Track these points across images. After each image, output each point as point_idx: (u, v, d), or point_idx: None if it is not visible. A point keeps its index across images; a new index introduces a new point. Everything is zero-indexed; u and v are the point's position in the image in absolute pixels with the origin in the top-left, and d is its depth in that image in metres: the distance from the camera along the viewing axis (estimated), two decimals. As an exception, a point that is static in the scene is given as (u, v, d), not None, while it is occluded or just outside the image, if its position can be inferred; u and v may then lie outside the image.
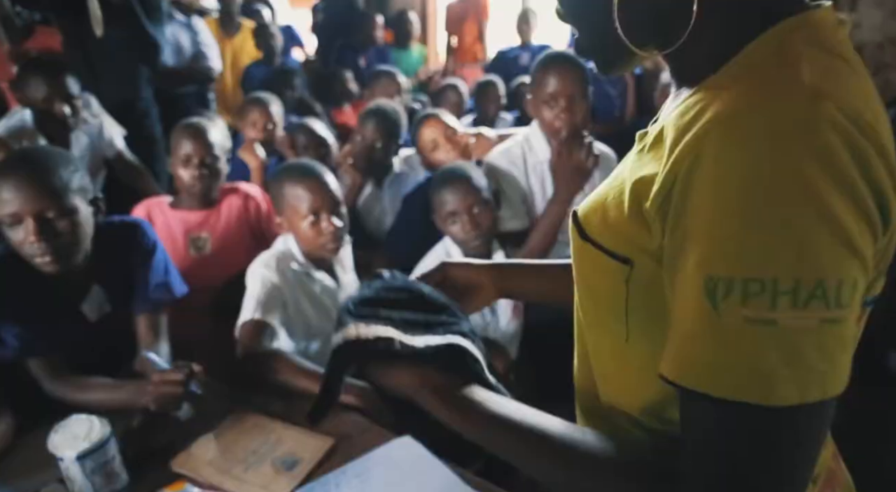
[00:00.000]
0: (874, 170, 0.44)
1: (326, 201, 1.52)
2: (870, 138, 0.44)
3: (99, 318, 1.42)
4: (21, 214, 1.22)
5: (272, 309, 1.44)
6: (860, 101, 0.46)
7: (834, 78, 0.46)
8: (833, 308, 0.43)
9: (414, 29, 4.37)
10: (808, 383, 0.44)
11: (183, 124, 1.89)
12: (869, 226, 0.44)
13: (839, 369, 0.45)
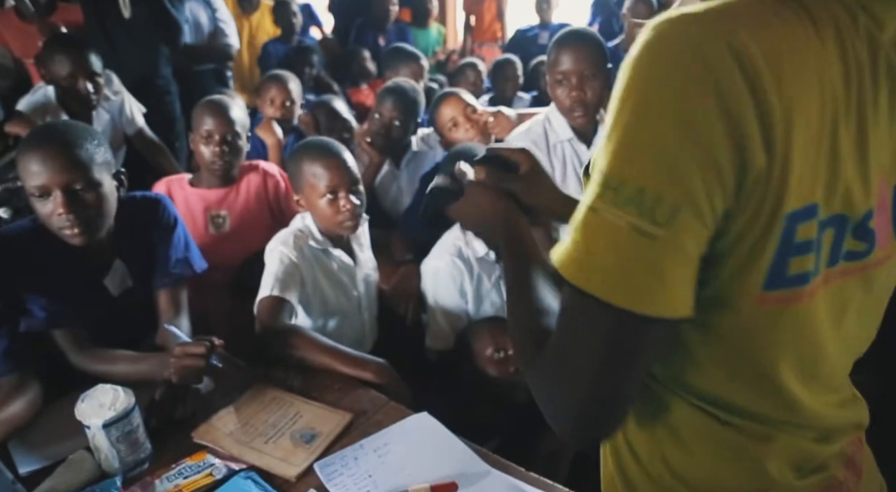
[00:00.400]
0: (739, 108, 0.44)
1: (344, 179, 1.52)
2: (748, 79, 0.44)
3: (121, 292, 1.44)
4: (49, 186, 1.25)
5: (290, 286, 1.45)
6: (763, 45, 0.45)
7: (748, 14, 0.46)
8: (645, 219, 0.46)
9: (433, 8, 4.33)
10: (589, 272, 0.48)
11: (205, 101, 1.90)
12: (717, 162, 0.45)
13: (635, 282, 0.47)
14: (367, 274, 1.70)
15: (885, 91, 0.50)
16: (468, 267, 1.68)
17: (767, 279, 0.51)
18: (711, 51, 0.44)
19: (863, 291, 0.59)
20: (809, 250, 0.51)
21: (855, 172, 0.50)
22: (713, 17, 0.45)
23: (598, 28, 3.77)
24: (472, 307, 1.70)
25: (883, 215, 0.55)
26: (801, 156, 0.47)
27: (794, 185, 0.47)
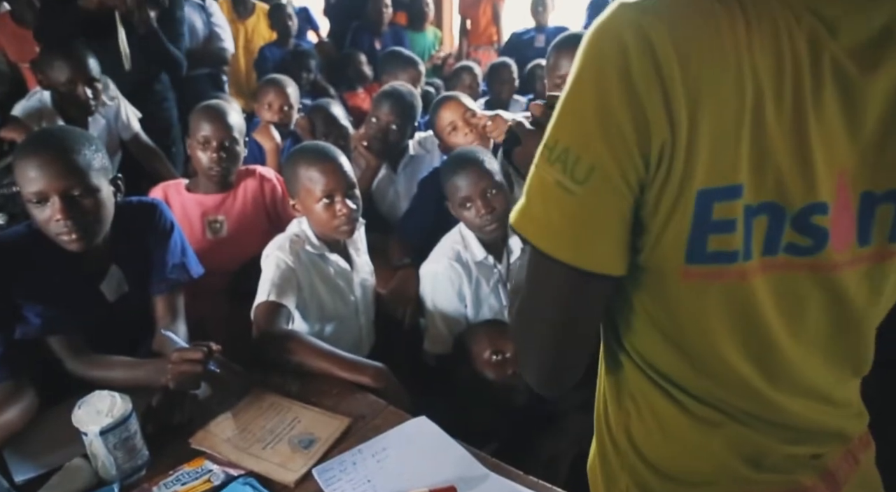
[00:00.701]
0: (639, 86, 0.50)
1: (340, 184, 1.52)
2: (651, 62, 0.49)
3: (117, 298, 1.44)
4: (47, 191, 1.24)
5: (287, 291, 1.45)
6: (673, 34, 0.49)
7: (666, 7, 0.51)
8: (567, 176, 0.53)
9: (429, 11, 4.34)
10: (528, 222, 0.57)
11: (202, 107, 1.89)
12: (621, 130, 0.51)
13: (563, 236, 0.55)
14: (364, 278, 1.69)
15: (833, 91, 0.52)
16: (466, 271, 1.68)
17: (688, 253, 0.55)
18: (628, 37, 0.50)
19: (825, 294, 0.59)
20: (731, 230, 0.53)
21: (790, 163, 0.52)
22: (641, 9, 0.51)
23: (593, 31, 3.79)
24: (470, 311, 1.70)
25: (843, 216, 0.56)
26: (713, 136, 0.50)
27: (705, 162, 0.51)
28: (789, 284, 0.58)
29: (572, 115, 0.53)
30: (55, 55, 2.06)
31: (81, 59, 2.06)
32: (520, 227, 0.58)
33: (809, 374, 0.63)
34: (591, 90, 0.52)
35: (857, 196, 0.56)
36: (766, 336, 0.60)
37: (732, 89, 0.50)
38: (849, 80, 0.52)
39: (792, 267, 0.57)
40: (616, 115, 0.50)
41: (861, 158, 0.54)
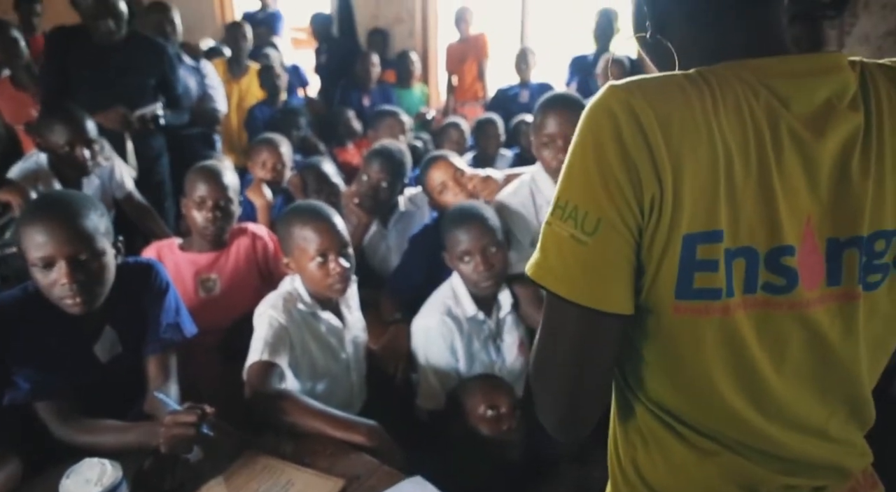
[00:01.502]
0: (629, 149, 0.59)
1: (334, 243, 1.55)
2: (637, 128, 0.59)
3: (110, 359, 1.43)
4: (55, 256, 1.26)
5: (280, 350, 1.45)
6: (654, 106, 0.59)
7: (650, 86, 0.61)
8: (578, 230, 0.61)
9: (416, 68, 4.47)
10: (546, 273, 0.64)
11: (198, 167, 1.93)
12: (620, 186, 0.60)
13: (593, 285, 0.62)
14: (356, 335, 1.70)
15: (791, 152, 0.61)
16: (458, 326, 1.69)
17: (677, 289, 0.62)
18: (619, 112, 0.60)
19: (803, 331, 0.65)
20: (714, 269, 0.61)
21: (758, 212, 0.61)
22: (628, 90, 0.61)
23: (575, 87, 3.90)
24: (462, 366, 1.71)
25: (811, 258, 0.64)
26: (694, 189, 0.59)
27: (689, 211, 0.60)
28: (770, 321, 0.64)
29: (578, 178, 0.62)
30: (55, 119, 2.10)
31: (80, 122, 2.10)
32: (538, 277, 0.65)
33: (799, 408, 0.68)
34: (592, 156, 0.60)
35: (823, 241, 0.64)
36: (755, 370, 0.66)
37: (707, 152, 0.59)
38: (804, 143, 0.61)
39: (770, 305, 0.64)
40: (614, 174, 0.60)
41: (822, 208, 0.63)
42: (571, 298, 0.62)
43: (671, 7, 0.68)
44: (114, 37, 2.50)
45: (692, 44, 0.67)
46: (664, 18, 0.69)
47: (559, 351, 0.66)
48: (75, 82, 2.55)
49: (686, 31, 0.68)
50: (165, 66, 2.70)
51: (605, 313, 0.62)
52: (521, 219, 1.89)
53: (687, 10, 0.67)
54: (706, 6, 0.66)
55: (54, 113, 2.15)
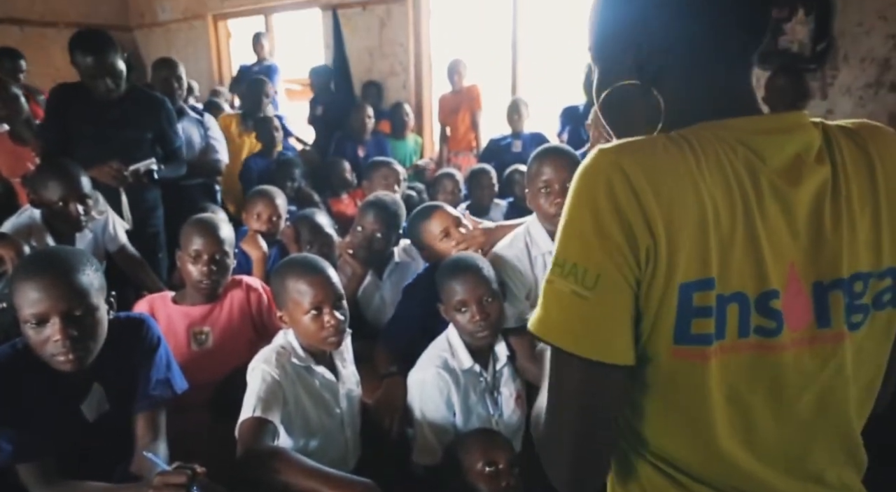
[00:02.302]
0: (623, 206, 0.62)
1: (329, 296, 1.54)
2: (630, 187, 0.62)
3: (97, 417, 1.40)
4: (49, 313, 1.25)
5: (273, 406, 1.42)
6: (643, 167, 0.63)
7: (638, 148, 0.65)
8: (579, 285, 0.63)
9: (409, 120, 4.55)
10: (549, 328, 0.66)
11: (194, 220, 1.93)
12: (615, 242, 0.62)
13: (596, 338, 0.64)
14: (350, 389, 1.67)
15: (772, 202, 0.65)
16: (454, 379, 1.67)
17: (676, 334, 0.65)
18: (611, 173, 0.63)
19: (797, 375, 0.67)
20: (709, 315, 0.64)
21: (745, 259, 0.64)
22: (618, 150, 0.64)
23: (567, 137, 3.97)
24: (459, 420, 1.68)
25: (797, 301, 0.66)
26: (686, 241, 0.62)
27: (683, 261, 0.62)
28: (764, 364, 0.66)
29: (575, 237, 0.64)
30: (48, 175, 2.11)
31: (74, 178, 2.11)
32: (542, 333, 0.67)
33: (797, 453, 0.70)
34: (588, 216, 0.63)
35: (809, 285, 0.67)
36: (751, 415, 0.68)
37: (695, 204, 0.62)
38: (782, 193, 0.65)
39: (763, 347, 0.66)
40: (610, 231, 0.62)
41: (804, 254, 0.66)
42: (576, 351, 0.64)
43: (671, 60, 0.69)
44: (112, 94, 2.54)
45: (682, 100, 0.70)
46: (661, 71, 0.70)
47: (566, 405, 0.67)
48: (75, 137, 2.59)
49: (678, 85, 0.70)
50: (163, 119, 2.74)
51: (610, 365, 0.64)
52: (517, 271, 1.89)
53: (687, 65, 0.69)
54: (702, 65, 0.69)
55: (48, 169, 2.16)
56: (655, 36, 0.69)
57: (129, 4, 7.30)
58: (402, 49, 5.02)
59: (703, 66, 0.69)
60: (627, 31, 0.71)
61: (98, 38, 2.52)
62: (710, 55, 0.69)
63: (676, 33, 0.68)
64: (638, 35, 0.70)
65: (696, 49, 0.69)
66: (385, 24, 5.05)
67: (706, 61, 0.69)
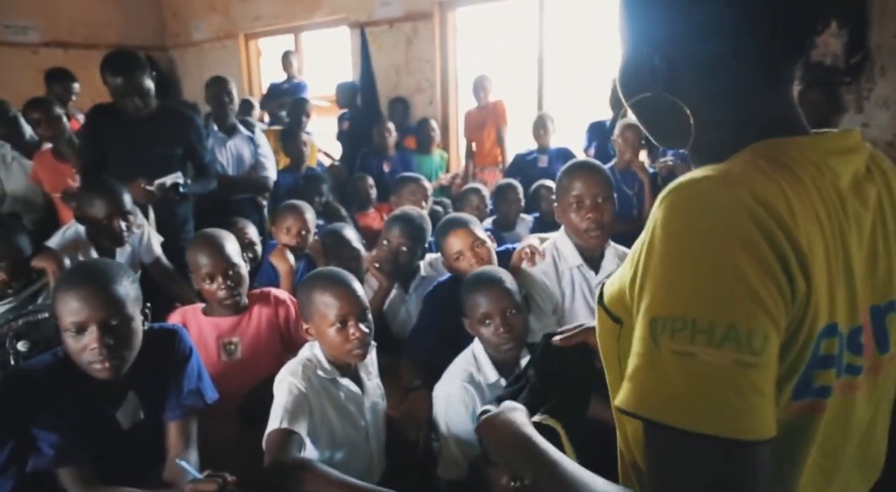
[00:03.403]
0: (780, 243, 0.52)
1: (354, 308, 1.56)
2: (777, 220, 0.52)
3: (131, 426, 1.44)
4: (87, 322, 1.30)
5: (300, 418, 1.44)
6: (775, 195, 0.54)
7: (754, 175, 0.56)
8: (745, 352, 0.50)
9: (435, 135, 4.60)
10: (717, 416, 0.50)
11: (196, 243, 1.94)
12: (778, 289, 0.52)
13: (754, 414, 0.50)
14: (375, 402, 1.69)
15: (855, 228, 0.60)
16: (480, 392, 1.67)
17: (795, 390, 0.57)
18: (744, 202, 0.52)
19: (867, 407, 0.64)
20: (832, 365, 0.57)
21: (846, 294, 0.58)
22: (730, 178, 0.55)
23: (594, 152, 3.97)
24: (483, 434, 1.67)
25: (865, 331, 0.62)
26: (820, 280, 0.55)
27: (821, 305, 0.55)
28: (848, 406, 0.62)
29: (715, 294, 0.51)
30: (94, 193, 2.20)
31: (117, 196, 2.20)
32: (688, 422, 0.50)
33: (841, 486, 0.66)
34: (743, 259, 0.51)
35: (867, 310, 0.62)
36: (835, 465, 0.64)
37: (820, 237, 0.56)
38: (860, 218, 0.61)
39: (851, 388, 0.62)
40: (772, 275, 0.52)
41: (862, 278, 0.61)
42: (734, 434, 0.50)
43: (692, 73, 0.64)
44: (141, 112, 2.62)
45: (712, 115, 0.65)
46: (681, 82, 0.65)
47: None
48: (110, 155, 2.68)
49: (705, 100, 0.65)
50: (192, 135, 2.82)
51: (758, 441, 0.50)
52: (544, 286, 1.89)
53: (712, 80, 0.64)
54: (734, 78, 0.63)
55: (93, 187, 2.24)
56: (682, 47, 0.63)
57: (165, 25, 7.53)
58: (428, 66, 5.08)
59: (732, 80, 0.64)
60: (652, 40, 0.66)
61: (126, 59, 2.60)
62: (743, 71, 0.63)
63: (704, 47, 0.63)
64: (663, 44, 0.64)
65: (724, 63, 0.63)
66: (412, 42, 5.12)
67: (735, 76, 0.63)
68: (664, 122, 0.69)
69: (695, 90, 0.65)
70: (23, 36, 6.37)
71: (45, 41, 6.51)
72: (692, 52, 0.63)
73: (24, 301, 1.95)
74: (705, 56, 0.63)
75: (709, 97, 0.65)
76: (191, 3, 7.12)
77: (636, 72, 0.68)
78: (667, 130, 0.70)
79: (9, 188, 3.14)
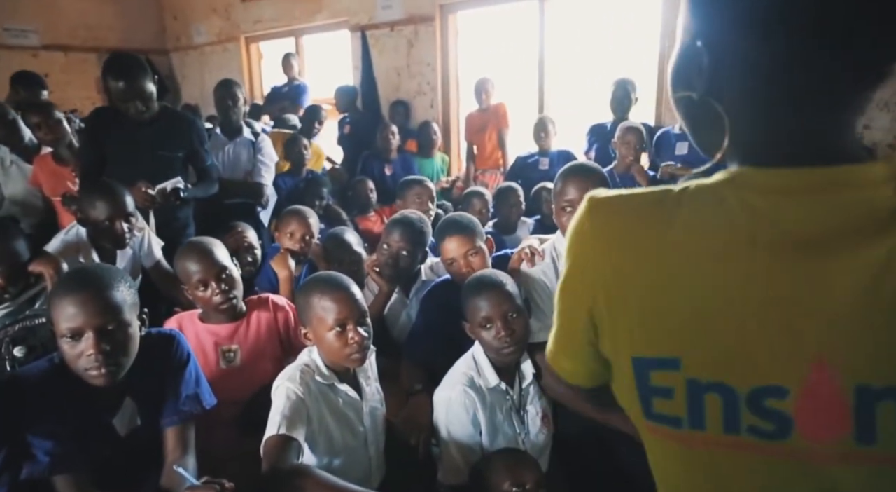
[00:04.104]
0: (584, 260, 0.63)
1: (353, 312, 1.55)
2: (595, 244, 0.61)
3: (128, 432, 1.43)
4: (84, 327, 1.29)
5: (298, 424, 1.43)
6: (617, 227, 0.60)
7: (617, 204, 0.62)
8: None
9: (437, 138, 4.58)
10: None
11: (185, 250, 1.91)
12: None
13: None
14: (374, 407, 1.67)
15: (792, 278, 0.55)
16: (481, 397, 1.66)
17: (643, 409, 0.60)
18: (585, 219, 0.64)
19: (818, 485, 0.55)
20: (671, 397, 0.57)
21: (734, 343, 0.54)
22: (601, 201, 0.65)
23: (594, 154, 3.95)
24: (485, 439, 1.66)
25: (824, 404, 0.53)
26: (632, 310, 0.59)
27: (627, 332, 0.59)
28: (763, 468, 0.56)
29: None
30: (95, 195, 2.18)
31: (119, 198, 2.18)
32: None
33: None
34: (568, 257, 0.68)
35: (850, 388, 0.52)
36: None
37: (651, 271, 0.59)
38: (810, 267, 0.54)
39: (762, 451, 0.55)
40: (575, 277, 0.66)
41: (846, 347, 0.52)
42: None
43: (736, 76, 0.57)
44: (143, 116, 2.61)
45: (746, 131, 0.58)
46: (721, 86, 0.58)
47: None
48: (110, 158, 2.67)
49: (741, 113, 0.58)
50: (193, 138, 2.81)
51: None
52: (543, 287, 1.88)
53: (749, 90, 0.57)
54: (779, 90, 0.55)
55: (95, 189, 2.22)
56: (722, 50, 0.57)
57: (166, 29, 7.54)
58: (429, 69, 5.08)
59: (769, 96, 0.56)
60: (703, 34, 0.59)
61: (128, 63, 2.59)
62: (776, 87, 0.55)
63: (742, 55, 0.56)
64: (712, 40, 0.58)
65: (758, 74, 0.56)
66: (413, 45, 5.12)
67: (771, 92, 0.56)
68: (701, 123, 0.63)
69: (736, 97, 0.58)
70: (23, 39, 6.36)
71: (45, 44, 6.50)
72: (742, 53, 0.56)
73: (22, 306, 1.93)
74: (754, 60, 0.55)
75: (747, 105, 0.58)
76: (192, 6, 7.12)
77: (684, 67, 0.62)
78: (702, 131, 0.64)
79: (7, 192, 3.12)
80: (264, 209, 3.51)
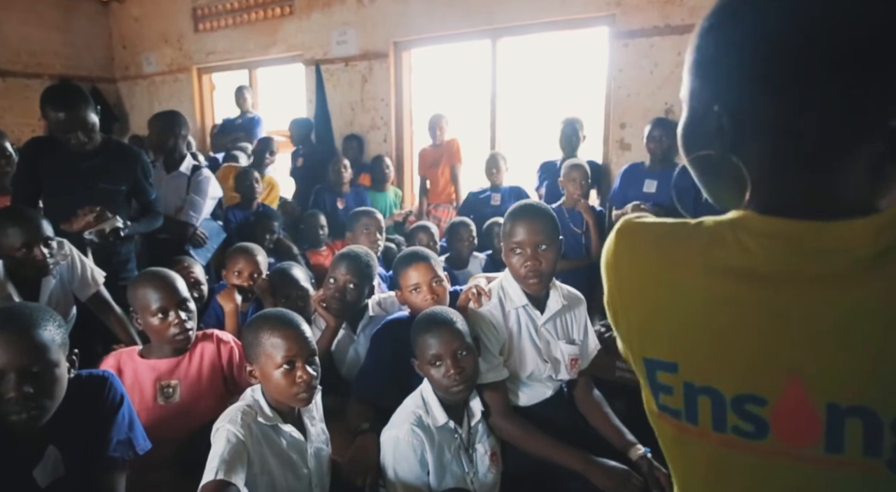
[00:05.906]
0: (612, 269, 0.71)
1: (302, 350, 1.51)
2: (621, 257, 0.69)
3: (50, 483, 1.33)
4: (5, 369, 1.21)
5: (237, 468, 1.37)
6: (639, 248, 0.68)
7: (647, 228, 0.69)
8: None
9: (390, 172, 4.59)
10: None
11: (144, 277, 1.86)
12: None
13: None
14: (319, 448, 1.62)
15: (777, 306, 0.60)
16: (429, 436, 1.63)
17: (655, 400, 0.68)
18: (618, 236, 0.71)
19: (804, 482, 0.60)
20: (671, 393, 0.65)
21: (723, 356, 0.61)
22: (634, 225, 0.71)
23: (545, 191, 4.02)
24: (433, 479, 1.63)
25: (798, 415, 0.58)
26: (639, 318, 0.67)
27: (641, 340, 0.67)
28: (750, 463, 0.62)
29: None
30: (7, 222, 2.04)
31: (33, 222, 2.06)
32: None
33: None
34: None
35: (822, 404, 0.57)
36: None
37: (655, 287, 0.67)
38: (790, 297, 0.61)
39: (745, 448, 0.62)
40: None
41: (821, 369, 0.57)
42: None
43: (758, 137, 0.61)
44: (85, 147, 2.53)
45: (767, 180, 0.62)
46: (741, 144, 0.62)
47: None
48: (48, 191, 2.56)
49: (764, 165, 0.61)
50: (139, 172, 2.73)
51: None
52: (490, 326, 1.88)
53: (776, 147, 0.60)
54: (799, 149, 0.59)
55: (5, 217, 2.08)
56: (741, 112, 0.61)
57: (113, 57, 7.40)
58: (383, 104, 5.11)
59: (784, 153, 0.60)
60: (721, 98, 0.62)
61: (69, 93, 2.51)
62: (791, 144, 0.59)
63: (761, 114, 0.60)
64: (731, 104, 0.61)
65: (776, 132, 0.59)
66: (367, 80, 5.16)
67: (787, 149, 0.60)
68: (721, 181, 0.66)
69: (756, 154, 0.61)
70: (-41, 63, 6.16)
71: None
72: (762, 116, 0.59)
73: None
74: (774, 121, 0.59)
75: (769, 163, 0.61)
76: (142, 35, 7.02)
77: (701, 129, 0.65)
78: (722, 188, 0.67)
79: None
80: (196, 249, 3.29)
